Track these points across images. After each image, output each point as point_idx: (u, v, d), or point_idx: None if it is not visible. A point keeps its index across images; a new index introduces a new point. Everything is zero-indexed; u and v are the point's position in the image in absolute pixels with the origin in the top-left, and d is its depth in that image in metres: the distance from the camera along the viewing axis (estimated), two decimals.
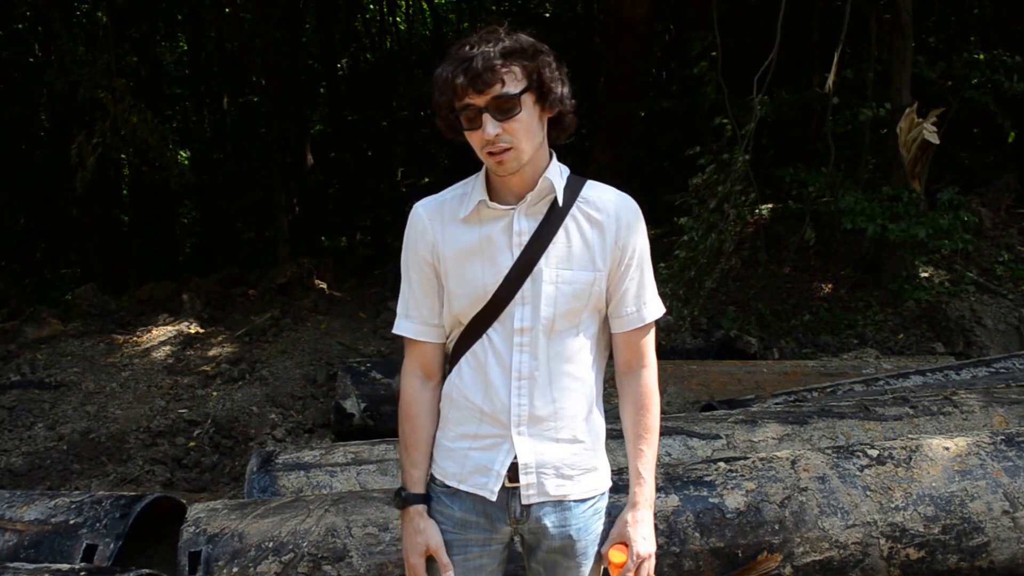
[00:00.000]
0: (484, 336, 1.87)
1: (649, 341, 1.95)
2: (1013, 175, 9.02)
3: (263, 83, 12.39)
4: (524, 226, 1.84)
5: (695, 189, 5.97)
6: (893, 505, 2.89)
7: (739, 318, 7.04)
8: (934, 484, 2.94)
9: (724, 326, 6.69)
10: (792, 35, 6.29)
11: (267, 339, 7.71)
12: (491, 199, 1.85)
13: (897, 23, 7.67)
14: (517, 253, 1.83)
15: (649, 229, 1.94)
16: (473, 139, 1.78)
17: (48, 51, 12.84)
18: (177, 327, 8.02)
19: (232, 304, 9.01)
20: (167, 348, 7.54)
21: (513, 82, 1.72)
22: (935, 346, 7.01)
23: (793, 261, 7.93)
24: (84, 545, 2.97)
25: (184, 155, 16.93)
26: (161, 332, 7.93)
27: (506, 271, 1.83)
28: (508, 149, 1.74)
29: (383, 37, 17.01)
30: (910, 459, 3.01)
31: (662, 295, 2.04)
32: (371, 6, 16.81)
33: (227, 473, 5.38)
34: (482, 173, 1.88)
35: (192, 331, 7.97)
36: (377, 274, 10.66)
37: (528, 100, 1.75)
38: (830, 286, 8.10)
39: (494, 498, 1.87)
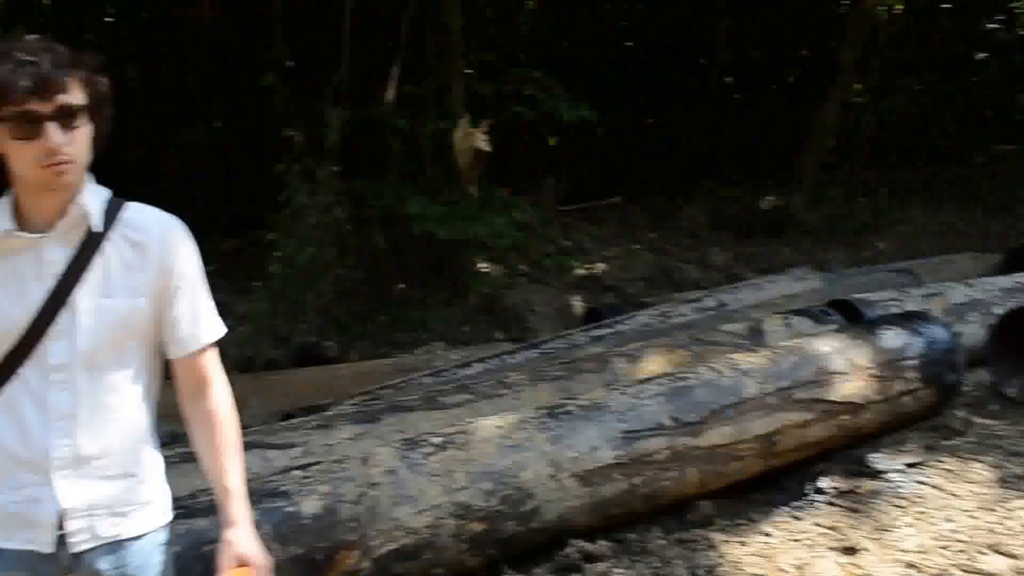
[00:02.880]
0: (16, 376, 1.72)
1: (211, 361, 1.92)
2: (554, 178, 10.35)
3: None
4: (56, 255, 1.72)
5: (285, 202, 5.95)
6: (456, 486, 3.12)
7: (317, 324, 7.15)
8: (490, 461, 3.24)
9: (300, 332, 6.77)
10: (359, 48, 6.55)
11: None
12: (19, 227, 1.71)
13: (447, 43, 8.36)
14: (49, 284, 1.70)
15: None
16: (24, 151, 1.63)
17: None
18: None
19: None
20: None
21: (78, 93, 1.64)
22: (496, 334, 7.77)
23: (368, 265, 8.23)
24: None
25: None
26: None
27: (37, 304, 1.70)
28: (70, 162, 1.64)
29: None
30: (468, 442, 3.28)
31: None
32: None
33: None
34: (5, 200, 1.73)
35: None
36: None
37: (87, 115, 1.67)
38: (403, 286, 8.55)
39: (51, 550, 1.72)
